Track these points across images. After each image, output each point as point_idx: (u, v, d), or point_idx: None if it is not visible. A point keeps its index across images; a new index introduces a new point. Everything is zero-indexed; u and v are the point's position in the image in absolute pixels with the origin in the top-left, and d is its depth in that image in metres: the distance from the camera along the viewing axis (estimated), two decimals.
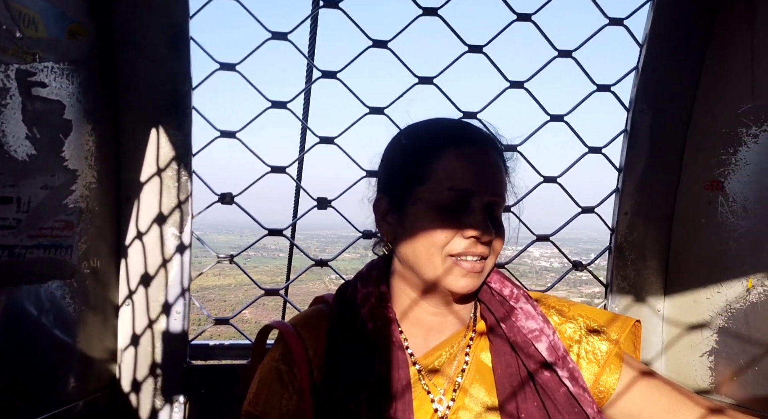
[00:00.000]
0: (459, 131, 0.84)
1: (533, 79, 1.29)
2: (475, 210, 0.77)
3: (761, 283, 1.16)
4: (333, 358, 0.79)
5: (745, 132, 1.19)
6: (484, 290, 0.87)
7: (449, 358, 0.82)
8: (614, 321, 0.89)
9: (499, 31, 1.22)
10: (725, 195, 1.23)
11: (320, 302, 0.91)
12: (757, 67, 1.15)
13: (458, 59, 1.22)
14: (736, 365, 1.19)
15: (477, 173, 0.78)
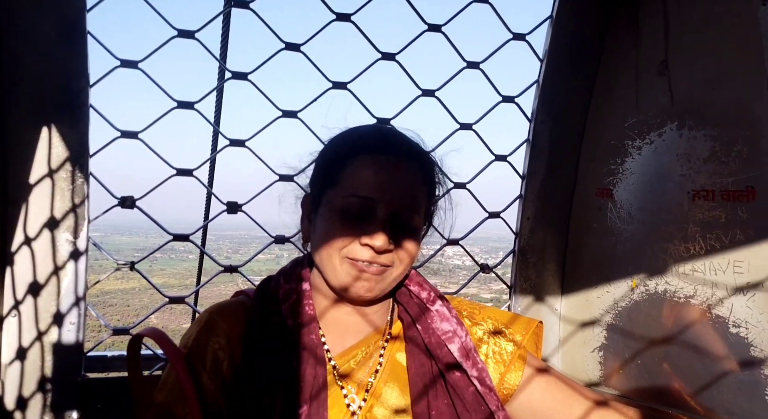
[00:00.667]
0: (373, 138, 0.85)
1: (445, 87, 1.34)
2: (376, 218, 0.79)
3: (643, 283, 1.27)
4: (251, 352, 0.79)
5: (630, 144, 1.30)
6: (403, 293, 0.90)
7: (365, 358, 0.84)
8: (519, 323, 0.96)
9: (411, 40, 1.25)
10: (614, 202, 1.34)
11: (241, 295, 0.91)
12: (641, 85, 1.26)
13: (372, 66, 1.24)
14: (621, 359, 1.30)
15: (384, 181, 0.79)
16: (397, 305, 0.91)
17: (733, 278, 1.13)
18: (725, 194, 1.14)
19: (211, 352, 0.79)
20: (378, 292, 0.82)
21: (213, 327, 0.81)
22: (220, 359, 0.78)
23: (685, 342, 1.19)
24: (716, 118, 1.14)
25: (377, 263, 0.79)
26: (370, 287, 0.80)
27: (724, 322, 1.13)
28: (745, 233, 1.11)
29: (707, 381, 1.14)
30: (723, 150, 1.14)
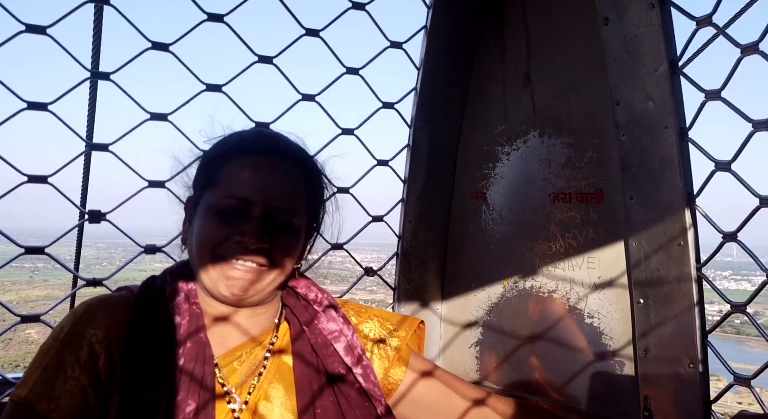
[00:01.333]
0: (251, 140, 0.88)
1: (330, 93, 1.34)
2: (252, 218, 0.80)
3: (513, 280, 1.36)
4: (133, 348, 0.76)
5: (500, 150, 1.39)
6: (290, 295, 0.92)
7: (249, 359, 0.84)
8: (403, 322, 1.01)
9: (289, 43, 1.24)
10: (487, 204, 1.42)
11: (123, 290, 0.87)
12: (508, 95, 1.34)
13: (248, 68, 1.21)
14: (496, 354, 1.38)
15: (260, 182, 0.81)
16: (285, 307, 0.92)
17: (587, 273, 1.24)
18: (580, 196, 1.25)
19: (87, 345, 0.74)
20: (254, 292, 0.82)
21: (91, 319, 0.76)
22: (97, 353, 0.74)
23: (549, 335, 1.29)
24: (570, 127, 1.25)
25: (252, 261, 0.80)
26: (244, 286, 0.80)
27: (581, 314, 1.24)
28: (596, 232, 1.23)
29: (567, 369, 1.25)
30: (577, 156, 1.25)
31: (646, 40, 1.01)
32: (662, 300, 1.08)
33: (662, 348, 1.06)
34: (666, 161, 1.06)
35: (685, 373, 1.00)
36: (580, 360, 1.23)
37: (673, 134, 1.03)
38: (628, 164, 1.12)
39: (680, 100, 1.01)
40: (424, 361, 1.00)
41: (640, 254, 1.11)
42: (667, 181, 1.07)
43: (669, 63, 0.99)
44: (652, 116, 1.06)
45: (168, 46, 1.12)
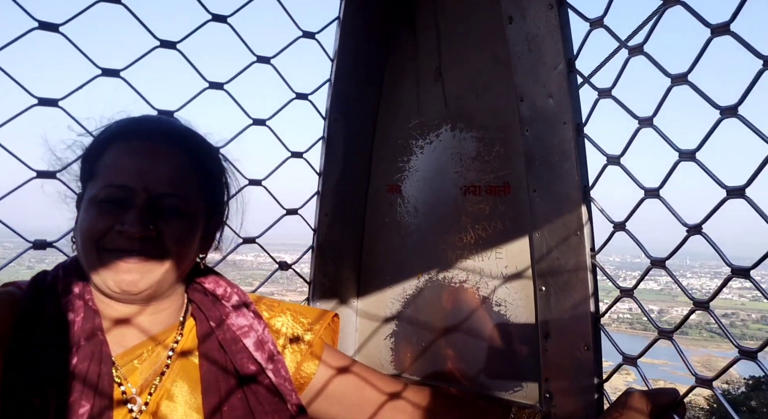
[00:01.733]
0: (128, 126, 0.84)
1: (244, 83, 1.30)
2: (134, 205, 0.76)
3: (427, 272, 1.38)
4: (21, 347, 0.71)
5: (414, 143, 1.40)
6: (197, 290, 0.89)
7: (152, 357, 0.81)
8: (316, 315, 1.01)
9: (193, 29, 1.19)
10: (402, 197, 1.44)
11: (9, 286, 0.81)
12: (421, 89, 1.36)
13: (148, 53, 1.15)
14: (411, 345, 1.40)
15: (141, 167, 0.77)
16: (192, 303, 0.89)
17: (495, 264, 1.28)
18: (489, 189, 1.29)
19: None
20: (146, 287, 0.78)
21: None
22: None
23: (461, 325, 1.32)
24: (480, 122, 1.29)
25: (138, 252, 0.76)
26: (134, 280, 0.76)
27: (489, 303, 1.28)
28: (504, 224, 1.27)
29: (477, 357, 1.29)
30: (486, 150, 1.29)
31: (546, 39, 1.06)
32: (561, 288, 1.14)
33: (561, 333, 1.11)
34: (564, 155, 1.12)
35: (581, 355, 1.06)
36: (488, 348, 1.27)
37: (570, 129, 1.08)
38: (531, 158, 1.17)
39: (577, 98, 1.06)
40: (338, 354, 1.00)
41: (543, 244, 1.17)
42: (566, 174, 1.12)
43: (566, 62, 1.04)
44: (552, 112, 1.11)
45: (58, 26, 1.04)
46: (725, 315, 55.83)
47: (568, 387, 1.07)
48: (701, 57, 0.80)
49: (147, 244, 0.76)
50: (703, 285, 37.37)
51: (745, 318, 47.15)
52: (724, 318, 56.37)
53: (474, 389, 1.28)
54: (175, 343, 0.85)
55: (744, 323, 47.27)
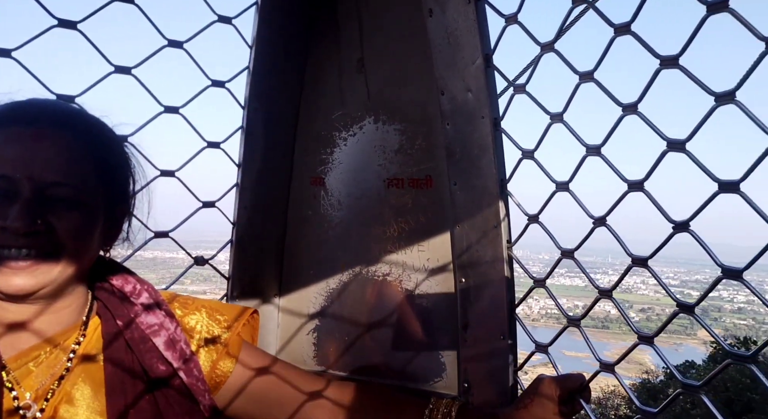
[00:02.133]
0: (9, 112, 0.75)
1: (155, 68, 1.22)
2: (18, 198, 0.70)
3: (350, 266, 1.37)
4: None
5: (338, 135, 1.38)
6: (103, 287, 0.84)
7: (49, 360, 0.76)
8: (234, 312, 0.97)
9: (97, 8, 1.11)
10: (326, 190, 1.41)
11: None
12: (344, 80, 1.34)
13: (44, 33, 1.05)
14: (335, 340, 1.38)
15: (23, 155, 0.71)
16: (97, 301, 0.84)
17: (418, 256, 1.29)
18: (411, 181, 1.29)
19: None
20: (40, 286, 0.71)
21: None
22: None
23: (385, 318, 1.32)
24: (402, 114, 1.28)
25: (27, 250, 0.69)
26: (24, 283, 0.70)
27: (412, 296, 1.29)
28: (426, 216, 1.28)
29: (400, 349, 1.30)
30: (408, 143, 1.29)
31: (464, 33, 1.06)
32: (480, 280, 1.16)
33: (479, 324, 1.14)
34: (483, 149, 1.13)
35: (498, 345, 1.09)
36: (411, 340, 1.28)
37: (488, 124, 1.10)
38: (452, 151, 1.18)
39: (494, 92, 1.08)
40: (257, 352, 0.97)
41: (463, 237, 1.18)
42: (484, 168, 1.14)
43: (484, 57, 1.06)
44: (471, 106, 1.12)
45: None
46: (642, 309, 59.86)
47: (485, 376, 1.10)
48: (605, 55, 0.84)
49: (36, 240, 0.70)
50: (624, 284, 40.85)
51: (659, 312, 50.91)
52: (641, 313, 60.35)
53: (397, 381, 1.28)
54: (77, 344, 0.79)
55: (659, 317, 50.98)
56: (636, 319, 51.56)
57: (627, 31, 0.78)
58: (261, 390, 0.93)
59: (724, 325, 49.99)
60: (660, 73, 0.77)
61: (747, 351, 0.73)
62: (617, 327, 52.95)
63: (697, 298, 0.77)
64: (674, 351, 47.76)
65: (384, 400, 1.01)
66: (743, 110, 0.67)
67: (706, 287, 0.76)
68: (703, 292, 0.76)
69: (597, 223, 0.92)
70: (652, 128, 0.78)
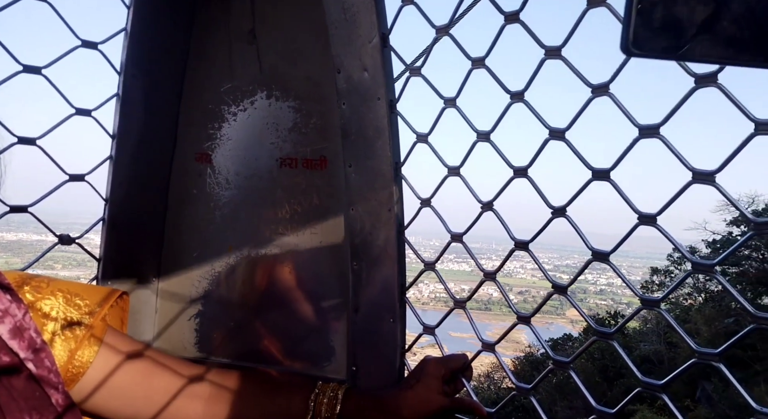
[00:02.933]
0: None
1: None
2: None
3: (238, 247, 1.31)
4: None
5: (227, 110, 1.30)
6: None
7: None
8: (98, 294, 0.87)
9: None
10: (213, 168, 1.33)
11: None
12: (234, 51, 1.26)
13: None
14: (222, 326, 1.31)
15: None
16: None
17: (310, 239, 1.26)
18: (305, 162, 1.25)
19: None
20: None
21: None
22: None
23: (275, 302, 1.28)
24: (297, 91, 1.23)
25: None
26: None
27: (304, 279, 1.26)
28: (320, 199, 1.25)
29: (292, 335, 1.26)
30: (303, 122, 1.24)
31: (362, 10, 1.04)
32: (372, 263, 1.15)
33: (370, 307, 1.13)
34: (378, 131, 1.12)
35: (387, 327, 1.09)
36: (301, 325, 1.25)
37: (384, 105, 1.09)
38: (347, 132, 1.15)
39: (390, 73, 1.07)
40: (124, 339, 0.89)
41: (357, 220, 1.17)
42: (379, 150, 1.13)
43: (381, 36, 1.04)
44: (367, 86, 1.10)
45: None
46: (521, 292, 64.68)
47: (373, 359, 1.10)
48: (496, 43, 0.85)
49: None
50: (505, 268, 45.64)
51: (535, 294, 55.44)
52: (519, 295, 65.63)
53: (285, 367, 1.25)
54: None
55: (534, 298, 55.52)
56: (515, 301, 55.66)
57: (516, 19, 0.80)
58: (125, 383, 0.85)
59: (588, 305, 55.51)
60: (545, 63, 0.80)
61: (610, 328, 0.79)
62: (498, 309, 56.91)
63: (569, 280, 0.82)
64: (546, 329, 52.15)
65: (267, 387, 0.97)
66: (615, 101, 0.71)
67: (575, 271, 0.81)
68: (575, 275, 0.80)
69: (485, 208, 0.95)
70: (536, 116, 0.81)
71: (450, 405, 0.91)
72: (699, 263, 0.70)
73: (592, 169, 0.77)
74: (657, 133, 0.72)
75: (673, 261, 16.76)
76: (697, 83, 0.69)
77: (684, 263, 15.79)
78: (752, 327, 0.63)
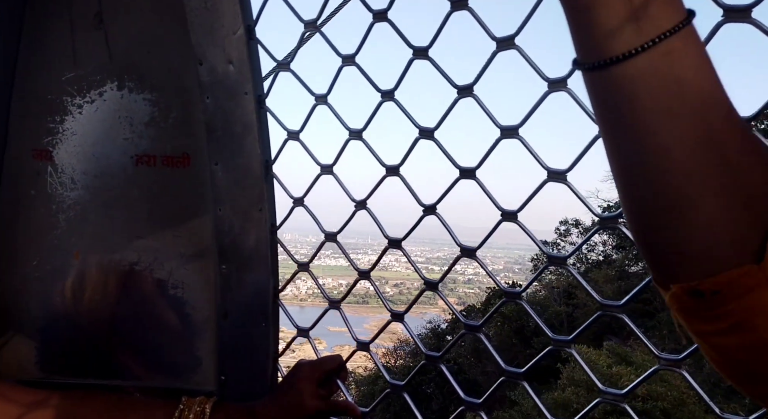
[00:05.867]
0: None
1: None
2: None
3: (86, 254, 1.17)
4: None
5: (70, 101, 1.16)
6: None
7: None
8: None
9: None
10: (54, 166, 1.17)
11: None
12: (77, 36, 1.12)
13: None
14: (66, 341, 1.17)
15: None
16: None
17: (173, 242, 1.16)
18: (165, 159, 1.15)
19: None
20: None
21: None
22: None
23: (132, 311, 1.17)
24: (154, 82, 1.13)
25: None
26: None
27: (165, 286, 1.16)
28: (182, 198, 1.16)
29: (151, 346, 1.16)
30: (162, 116, 1.14)
31: None
32: (243, 265, 1.10)
33: (240, 311, 1.08)
34: (247, 127, 1.07)
35: (258, 332, 1.05)
36: (163, 335, 1.16)
37: (252, 100, 1.04)
38: (212, 127, 1.09)
39: (258, 68, 1.02)
40: None
41: (225, 220, 1.10)
42: (248, 147, 1.08)
43: (246, 28, 0.99)
44: (233, 80, 1.04)
45: None
46: (396, 284, 66.97)
47: (244, 367, 1.05)
48: (365, 40, 0.85)
49: None
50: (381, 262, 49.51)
51: (410, 287, 57.80)
52: (395, 287, 68.19)
53: (146, 382, 1.15)
54: None
55: (409, 290, 57.90)
56: (390, 293, 57.65)
57: (384, 18, 0.80)
58: None
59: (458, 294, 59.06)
60: (413, 63, 0.81)
61: (477, 322, 0.83)
62: (375, 302, 58.56)
63: (440, 276, 0.84)
64: (421, 318, 54.79)
65: (123, 408, 0.88)
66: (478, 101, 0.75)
67: (446, 263, 0.84)
68: (445, 270, 0.83)
69: (358, 206, 0.95)
70: (406, 115, 0.82)
71: (325, 408, 0.89)
72: (554, 256, 0.76)
73: (460, 168, 0.80)
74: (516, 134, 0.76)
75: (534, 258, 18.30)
76: (550, 87, 0.74)
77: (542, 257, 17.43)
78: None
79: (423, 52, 0.78)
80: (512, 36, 0.71)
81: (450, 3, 0.73)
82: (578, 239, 16.68)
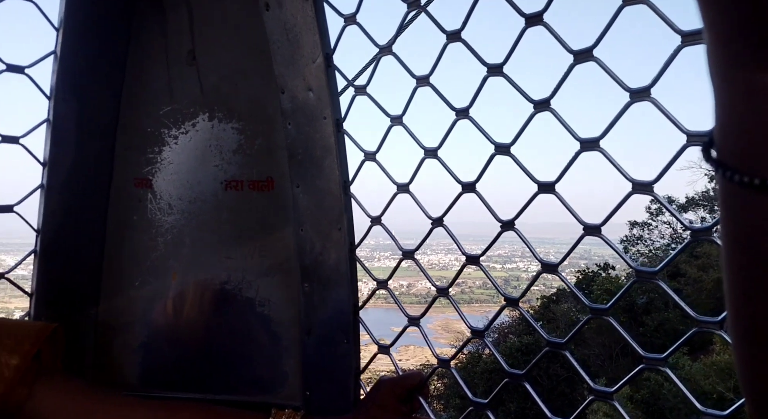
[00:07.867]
0: None
1: None
2: None
3: (182, 274, 1.25)
4: None
5: (167, 133, 1.26)
6: None
7: None
8: (29, 330, 0.83)
9: None
10: (153, 193, 1.28)
11: None
12: (173, 73, 1.22)
13: None
14: (165, 357, 1.25)
15: None
16: None
17: (259, 262, 1.22)
18: (251, 184, 1.22)
19: None
20: None
21: None
22: None
23: (223, 328, 1.23)
24: (240, 112, 1.21)
25: None
26: None
27: (253, 303, 1.22)
28: (267, 220, 1.22)
29: (241, 362, 1.22)
30: (248, 143, 1.22)
31: (303, 31, 1.03)
32: (324, 283, 1.13)
33: (322, 328, 1.11)
34: (326, 150, 1.11)
35: (341, 350, 1.07)
36: (252, 351, 1.21)
37: (330, 124, 1.08)
38: (294, 152, 1.14)
39: (335, 92, 1.07)
40: (60, 379, 0.83)
41: (306, 240, 1.15)
42: (327, 169, 1.12)
43: (324, 56, 1.04)
44: (312, 106, 1.09)
45: None
46: (458, 284, 65.94)
47: (328, 383, 1.07)
48: (440, 60, 0.87)
49: None
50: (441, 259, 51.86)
51: (471, 285, 56.31)
52: (456, 287, 67.46)
53: (238, 396, 1.20)
54: None
55: (471, 289, 56.43)
56: (452, 292, 56.44)
57: (458, 38, 0.82)
58: (66, 414, 0.80)
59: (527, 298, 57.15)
60: (487, 80, 0.81)
61: (562, 339, 0.81)
62: (437, 301, 57.56)
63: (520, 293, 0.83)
64: (485, 317, 53.10)
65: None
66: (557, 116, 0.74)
67: (523, 279, 0.83)
68: (525, 288, 0.82)
69: (435, 223, 0.95)
70: (481, 131, 0.82)
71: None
72: (643, 271, 0.73)
73: (538, 182, 0.79)
74: (597, 146, 0.75)
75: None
76: (632, 98, 0.72)
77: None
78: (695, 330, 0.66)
79: (497, 68, 0.78)
80: (590, 48, 0.70)
81: (524, 20, 0.74)
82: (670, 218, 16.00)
